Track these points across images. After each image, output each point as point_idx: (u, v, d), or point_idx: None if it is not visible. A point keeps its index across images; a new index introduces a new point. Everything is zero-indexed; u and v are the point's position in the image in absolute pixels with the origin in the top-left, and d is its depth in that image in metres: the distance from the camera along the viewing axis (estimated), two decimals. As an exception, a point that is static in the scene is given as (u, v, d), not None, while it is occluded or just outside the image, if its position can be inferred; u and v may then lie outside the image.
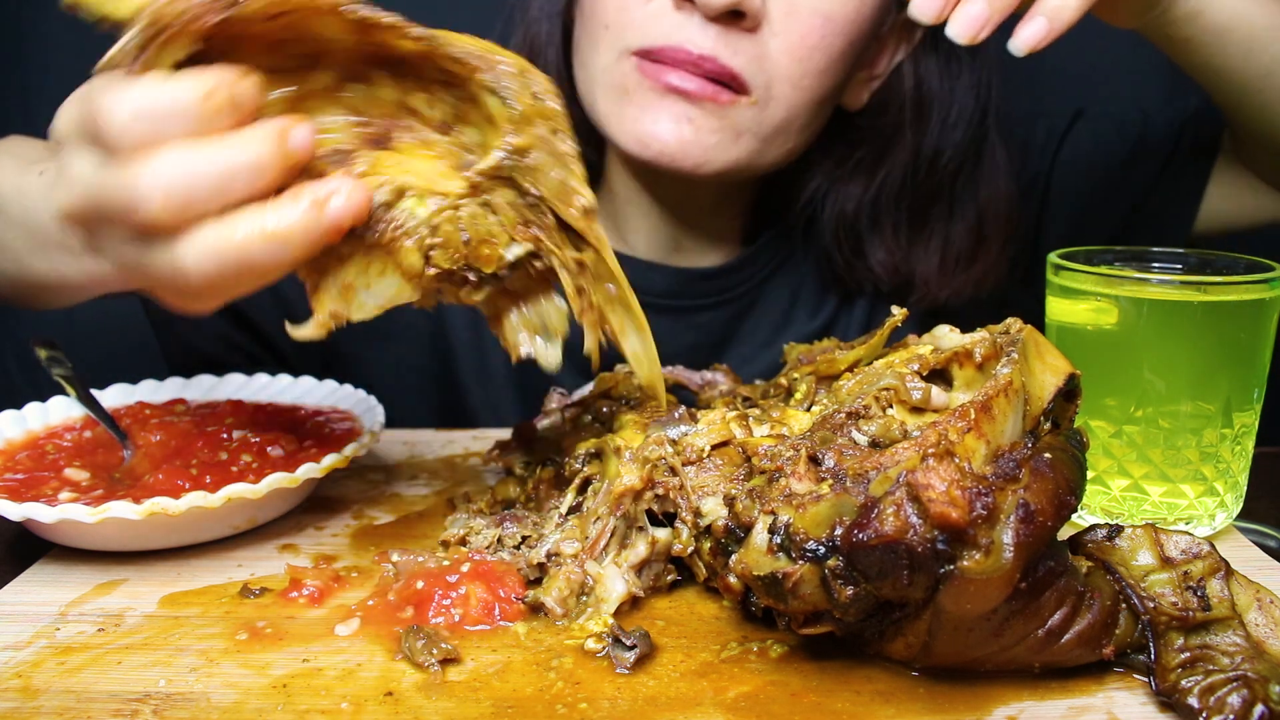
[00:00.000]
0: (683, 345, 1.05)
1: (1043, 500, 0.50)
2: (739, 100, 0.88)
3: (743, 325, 1.07)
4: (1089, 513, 0.73)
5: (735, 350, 1.07)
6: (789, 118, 0.91)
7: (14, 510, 0.64)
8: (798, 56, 0.88)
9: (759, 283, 1.06)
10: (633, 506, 0.62)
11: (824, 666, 0.55)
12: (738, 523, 0.56)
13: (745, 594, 0.57)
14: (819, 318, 1.07)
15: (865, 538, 0.49)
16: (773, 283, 1.07)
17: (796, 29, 0.87)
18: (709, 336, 1.06)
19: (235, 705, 0.52)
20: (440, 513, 0.76)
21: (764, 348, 1.06)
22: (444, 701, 0.52)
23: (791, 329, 1.07)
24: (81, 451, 0.75)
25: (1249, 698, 0.50)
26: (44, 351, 0.87)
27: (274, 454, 0.72)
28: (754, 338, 1.07)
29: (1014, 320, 0.62)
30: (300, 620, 0.60)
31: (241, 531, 0.71)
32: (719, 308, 1.06)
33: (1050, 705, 0.52)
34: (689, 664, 0.56)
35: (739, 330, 1.07)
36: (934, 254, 1.01)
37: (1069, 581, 0.52)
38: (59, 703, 0.52)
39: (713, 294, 1.05)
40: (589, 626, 0.59)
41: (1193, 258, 0.74)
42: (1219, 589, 0.53)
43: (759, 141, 0.91)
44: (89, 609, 0.62)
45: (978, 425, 0.51)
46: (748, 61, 0.87)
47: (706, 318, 1.06)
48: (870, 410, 0.58)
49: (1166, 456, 0.69)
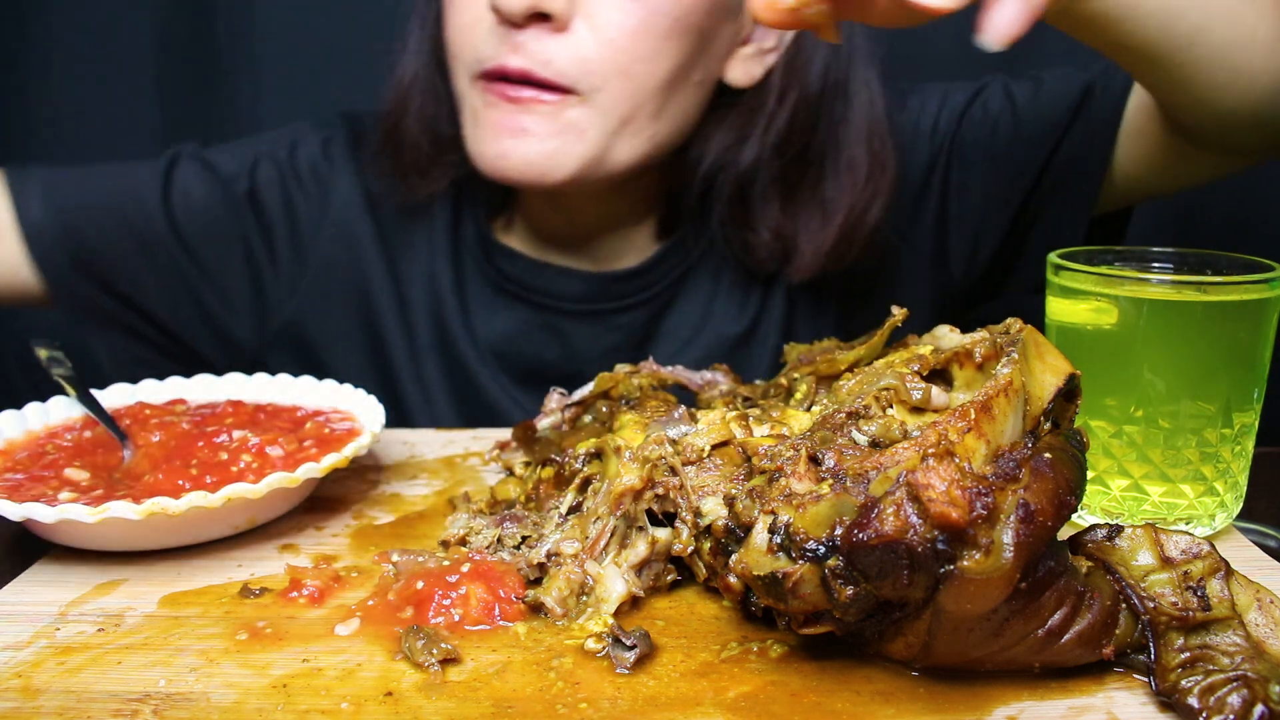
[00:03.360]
0: (604, 348, 1.05)
1: (1043, 500, 0.50)
2: (567, 99, 0.89)
3: (663, 323, 1.07)
4: (1089, 513, 0.73)
5: (659, 348, 1.06)
6: (632, 106, 0.90)
7: (14, 510, 0.64)
8: (618, 46, 0.87)
9: (677, 279, 1.06)
10: (633, 506, 0.62)
11: (824, 666, 0.55)
12: (738, 523, 0.56)
13: (745, 594, 0.57)
14: (746, 312, 1.06)
15: (865, 538, 0.49)
16: (692, 279, 1.07)
17: (609, 19, 0.87)
18: (631, 337, 1.06)
19: (235, 705, 0.52)
20: (440, 513, 0.76)
21: (686, 345, 1.06)
22: (444, 701, 0.52)
23: (714, 324, 1.06)
24: (81, 451, 0.75)
25: (1249, 698, 0.50)
26: (44, 351, 0.87)
27: (274, 454, 0.72)
28: (676, 335, 1.07)
29: (1014, 320, 0.62)
30: (300, 620, 0.60)
31: (241, 531, 0.71)
32: (638, 308, 1.06)
33: (1050, 705, 0.52)
34: (689, 664, 0.56)
35: (660, 329, 1.07)
36: (814, 216, 1.00)
37: (1069, 581, 0.52)
38: (59, 703, 0.52)
39: (630, 294, 1.05)
40: (589, 626, 0.59)
41: (1193, 258, 0.73)
42: (1219, 589, 0.53)
43: (606, 135, 0.91)
44: (89, 609, 0.62)
45: (978, 425, 0.51)
46: (565, 66, 0.87)
47: (626, 319, 1.06)
48: (870, 410, 0.58)
49: (1166, 456, 0.69)
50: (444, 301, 1.07)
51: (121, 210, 1.04)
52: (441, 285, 1.07)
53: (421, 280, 1.08)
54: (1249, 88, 0.79)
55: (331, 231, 1.08)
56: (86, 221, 1.03)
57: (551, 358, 1.06)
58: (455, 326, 1.07)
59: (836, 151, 0.99)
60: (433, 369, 1.07)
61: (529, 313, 1.06)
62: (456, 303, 1.07)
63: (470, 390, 1.07)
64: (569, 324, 1.06)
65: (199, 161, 1.07)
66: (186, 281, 1.06)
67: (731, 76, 0.98)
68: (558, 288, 1.05)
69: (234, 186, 1.07)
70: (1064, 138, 0.99)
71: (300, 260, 1.08)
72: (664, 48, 0.89)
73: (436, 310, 1.07)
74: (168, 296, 1.06)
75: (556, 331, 1.06)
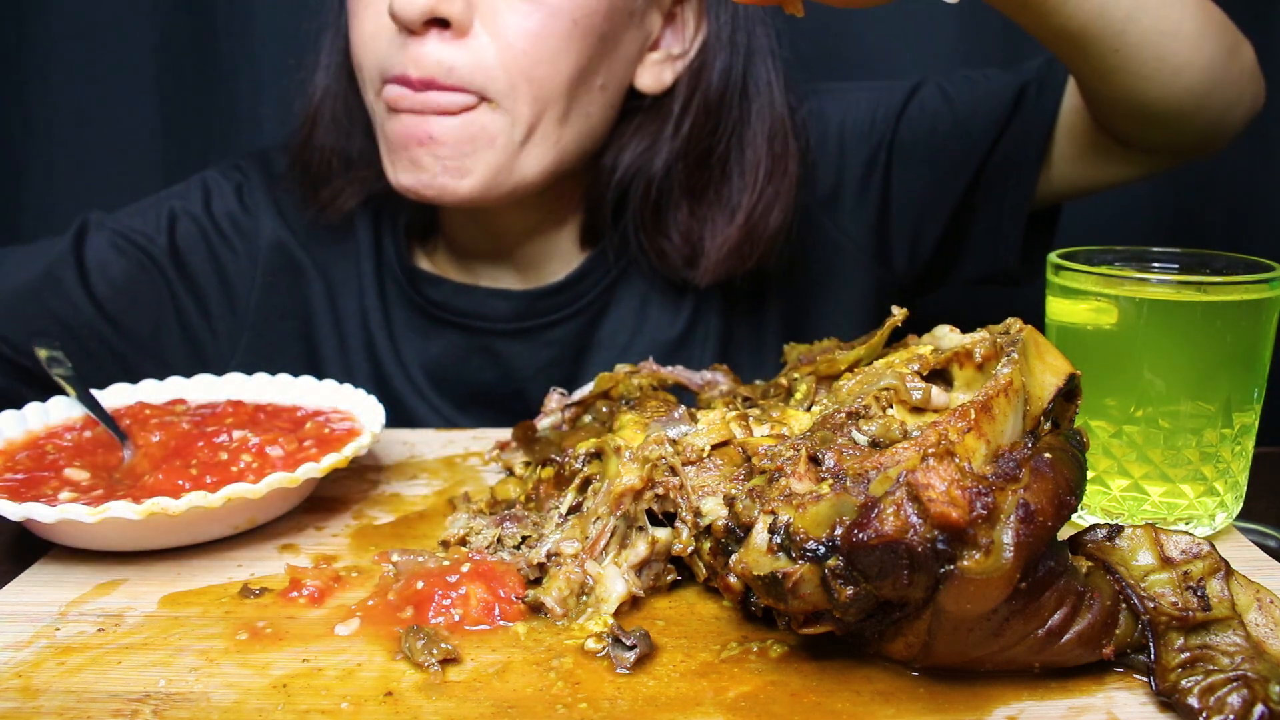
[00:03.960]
0: (539, 364, 1.05)
1: (1043, 500, 0.50)
2: (480, 106, 0.88)
3: (598, 334, 1.06)
4: (1089, 513, 0.73)
5: (595, 360, 1.05)
6: (538, 111, 0.90)
7: (14, 510, 0.64)
8: (519, 49, 0.87)
9: (606, 289, 1.05)
10: (633, 506, 0.62)
11: (824, 666, 0.55)
12: (738, 523, 0.56)
13: (745, 594, 0.57)
14: (680, 315, 1.06)
15: (865, 537, 0.49)
16: (622, 286, 1.06)
17: (508, 23, 0.87)
18: (565, 351, 1.05)
19: (235, 705, 0.52)
20: (440, 513, 0.76)
21: (624, 352, 1.05)
22: (444, 701, 0.52)
23: (649, 330, 1.06)
24: (81, 451, 0.75)
25: (1249, 698, 0.50)
26: (44, 351, 0.87)
27: (274, 454, 0.72)
28: (613, 343, 1.06)
29: (1014, 320, 0.62)
30: (300, 620, 0.60)
31: (241, 531, 0.71)
32: (568, 321, 1.05)
33: (1050, 705, 0.52)
34: (689, 664, 0.56)
35: (595, 339, 1.06)
36: (720, 217, 0.99)
37: (1069, 581, 0.52)
38: (59, 703, 0.52)
39: (559, 309, 1.04)
40: (589, 626, 0.59)
41: (1193, 258, 0.74)
42: (1219, 589, 0.53)
43: (514, 143, 0.90)
44: (89, 609, 0.62)
45: (978, 425, 0.51)
46: (469, 73, 0.87)
47: (558, 333, 1.05)
48: (870, 410, 0.58)
49: (1166, 456, 0.69)
50: (375, 334, 1.06)
51: (38, 298, 0.99)
52: (371, 318, 1.06)
53: (354, 316, 1.07)
54: (1174, 79, 0.83)
55: (266, 280, 1.06)
56: (3, 317, 0.98)
57: (489, 379, 1.05)
58: (387, 359, 1.06)
59: (740, 153, 0.99)
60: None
61: (460, 337, 1.05)
62: (385, 335, 1.06)
63: (409, 423, 1.05)
64: (502, 344, 1.05)
65: (109, 231, 1.03)
66: (117, 354, 1.02)
67: (642, 83, 0.98)
68: (487, 309, 1.04)
69: (152, 249, 1.03)
70: (1001, 136, 1.01)
71: (236, 314, 1.06)
72: (565, 49, 0.88)
73: (369, 344, 1.06)
74: (98, 373, 1.01)
75: (490, 353, 1.05)
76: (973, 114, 1.02)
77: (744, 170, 0.99)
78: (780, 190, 0.98)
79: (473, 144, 0.89)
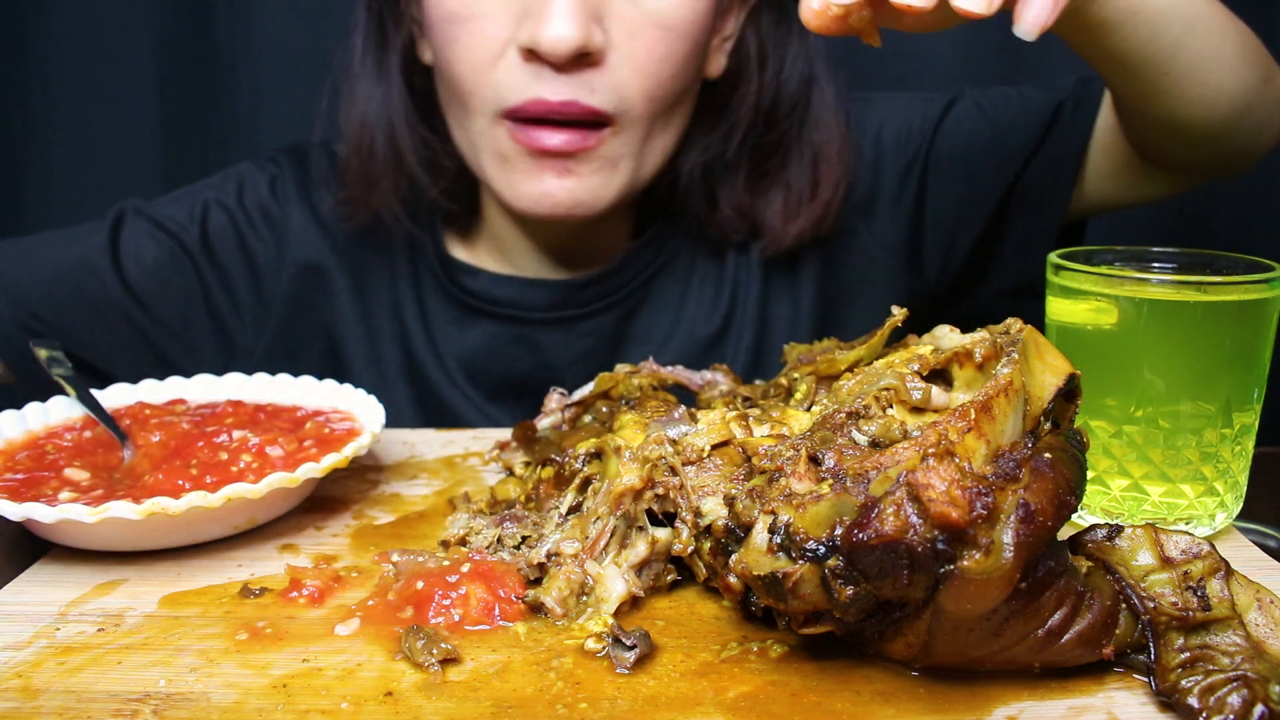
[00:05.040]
0: (576, 354, 1.06)
1: (1043, 500, 0.50)
2: (604, 134, 0.91)
3: (633, 327, 1.08)
4: (1089, 513, 0.73)
5: (631, 353, 1.07)
6: (653, 125, 0.93)
7: (14, 510, 0.64)
8: (648, 73, 0.90)
9: (644, 282, 1.07)
10: (633, 506, 0.62)
11: (824, 666, 0.55)
12: (738, 523, 0.56)
13: (745, 594, 0.57)
14: (717, 312, 1.07)
15: (865, 537, 0.49)
16: (660, 281, 1.08)
17: (641, 48, 0.89)
18: (602, 342, 1.07)
19: (235, 705, 0.52)
20: (440, 513, 0.76)
21: (660, 348, 1.07)
22: (444, 701, 0.52)
23: (686, 327, 1.07)
24: (81, 451, 0.75)
25: (1249, 698, 0.50)
26: (44, 351, 0.87)
27: (274, 454, 0.72)
28: (649, 338, 1.07)
29: (1014, 320, 0.62)
30: (300, 620, 0.60)
31: (241, 531, 0.71)
32: (606, 312, 1.06)
33: (1050, 705, 0.52)
34: (689, 664, 0.56)
35: (631, 332, 1.08)
36: (777, 198, 1.03)
37: (1069, 581, 0.52)
38: (59, 703, 0.52)
39: (598, 299, 1.06)
40: (589, 626, 0.59)
41: (1193, 258, 0.74)
42: (1219, 589, 0.53)
43: (635, 160, 0.94)
44: (89, 609, 0.62)
45: (978, 425, 0.51)
46: (605, 95, 0.89)
47: (596, 324, 1.06)
48: (870, 410, 0.58)
49: (1166, 456, 0.69)
50: (408, 325, 1.07)
51: (72, 279, 1.02)
52: (405, 309, 1.07)
53: (385, 308, 1.08)
54: (1214, 101, 0.85)
55: (292, 270, 1.07)
56: (37, 298, 1.01)
57: (525, 369, 1.06)
58: (421, 350, 1.07)
59: (799, 137, 1.02)
60: (401, 395, 1.08)
61: (497, 327, 1.06)
62: (420, 325, 1.07)
63: (442, 413, 1.06)
64: (539, 333, 1.06)
65: (145, 218, 1.05)
66: (148, 339, 1.05)
67: (706, 71, 1.00)
68: (525, 298, 1.06)
69: (185, 238, 1.05)
70: (1036, 153, 1.03)
71: (264, 304, 1.08)
72: (683, 67, 0.92)
73: (402, 336, 1.07)
74: (126, 356, 1.05)
75: (527, 343, 1.06)
76: (1009, 129, 1.04)
77: (803, 153, 1.02)
78: (838, 171, 1.02)
79: (604, 172, 0.92)
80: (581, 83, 0.88)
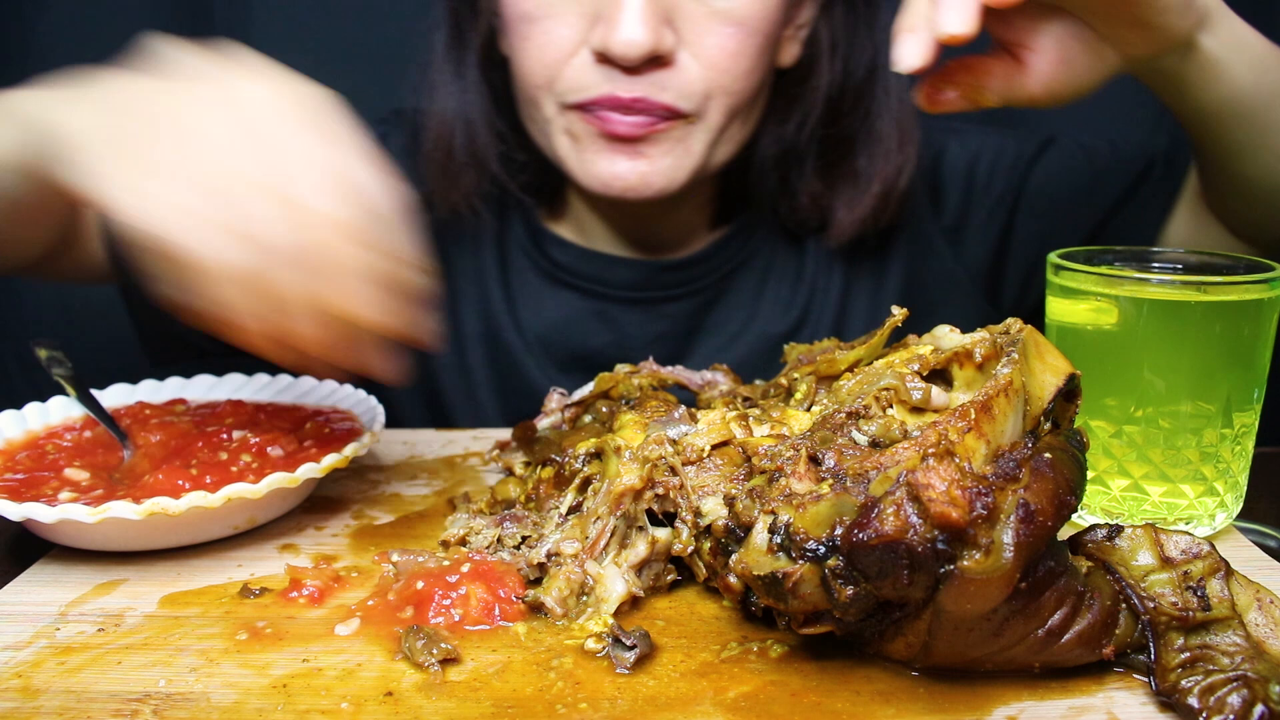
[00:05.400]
0: (651, 335, 1.07)
1: (1043, 500, 0.50)
2: (676, 123, 0.91)
3: (710, 317, 1.09)
4: (1089, 513, 0.73)
5: (704, 342, 1.09)
6: (730, 116, 0.94)
7: (14, 510, 0.64)
8: (721, 69, 0.91)
9: (727, 273, 1.08)
10: (633, 506, 0.62)
11: (824, 666, 0.55)
12: (738, 522, 0.56)
13: (745, 594, 0.57)
14: (791, 312, 1.09)
15: (865, 538, 0.49)
16: (741, 275, 1.09)
17: (713, 46, 0.90)
18: (678, 326, 1.08)
19: (235, 705, 0.52)
20: (440, 513, 0.76)
21: (733, 340, 1.08)
22: (444, 701, 0.52)
23: (759, 323, 1.09)
24: (81, 451, 0.75)
25: (1249, 698, 0.50)
26: (44, 351, 0.87)
27: (274, 454, 0.72)
28: (724, 330, 1.09)
29: (1014, 320, 0.62)
30: (300, 620, 0.60)
31: (241, 531, 0.71)
32: (687, 298, 1.08)
33: (1050, 705, 0.52)
34: (689, 664, 0.56)
35: (706, 322, 1.09)
36: (845, 187, 1.04)
37: (1069, 581, 0.52)
38: (59, 703, 0.52)
39: (682, 284, 1.07)
40: (589, 626, 0.59)
41: (1193, 258, 0.74)
42: (1219, 589, 0.53)
43: (709, 146, 0.95)
44: (89, 609, 0.62)
45: (978, 425, 0.51)
46: (677, 93, 0.90)
47: (675, 308, 1.08)
48: (870, 410, 0.58)
49: (1166, 456, 0.69)
50: (490, 292, 1.08)
51: None
52: (488, 276, 1.09)
53: (469, 271, 1.09)
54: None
55: None
56: None
57: (599, 344, 1.08)
58: (501, 316, 1.08)
59: (867, 128, 1.03)
60: (477, 359, 1.09)
61: (579, 300, 1.08)
62: (503, 293, 1.08)
63: (515, 380, 1.08)
64: (619, 310, 1.07)
65: None
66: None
67: (780, 60, 1.01)
68: (610, 275, 1.07)
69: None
70: (1122, 206, 1.05)
71: None
72: (757, 61, 0.93)
73: (483, 300, 1.09)
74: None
75: (606, 318, 1.08)
76: (1099, 179, 1.06)
77: (872, 143, 1.03)
78: (907, 159, 1.03)
79: (674, 154, 0.93)
80: (652, 82, 0.89)
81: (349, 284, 0.58)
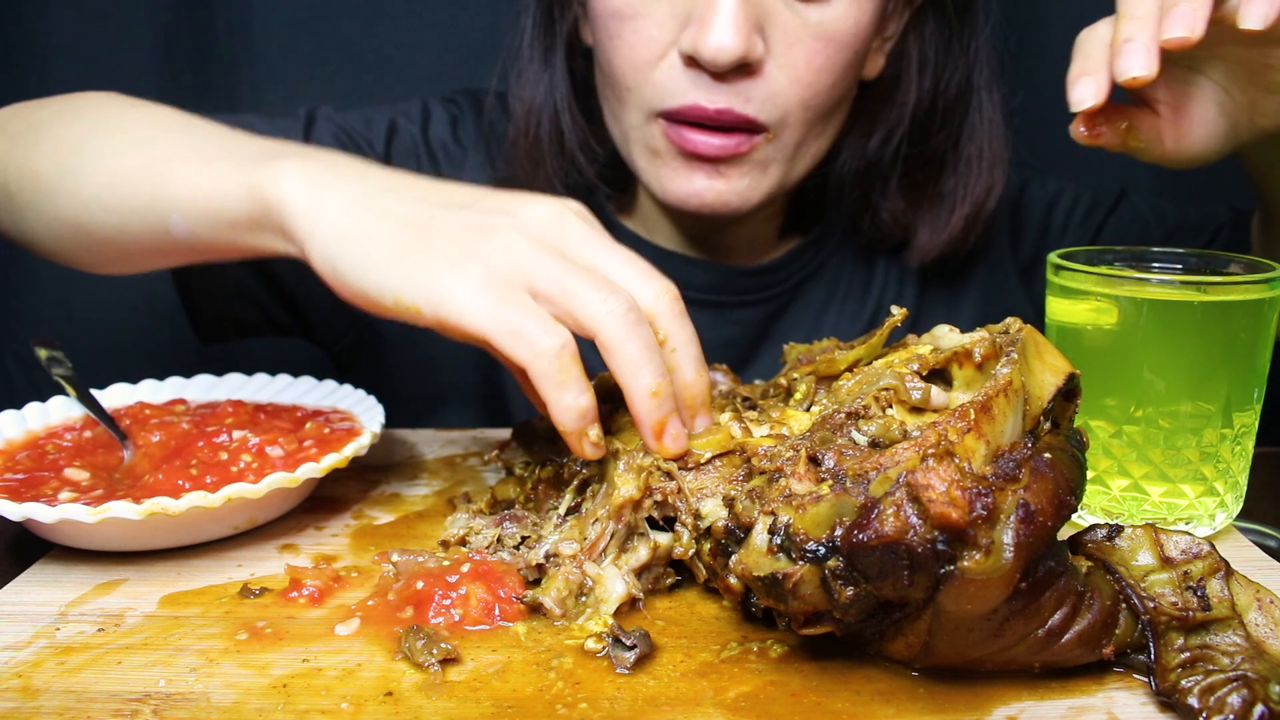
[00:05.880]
0: (720, 340, 1.07)
1: (1043, 500, 0.50)
2: (757, 140, 0.91)
3: (777, 325, 1.10)
4: (1089, 513, 0.73)
5: (771, 350, 1.09)
6: (807, 132, 0.94)
7: (14, 510, 0.64)
8: (805, 82, 0.90)
9: (797, 284, 1.09)
10: (633, 516, 0.62)
11: (824, 666, 0.55)
12: (737, 523, 0.56)
13: (745, 594, 0.57)
14: (856, 327, 1.10)
15: (865, 538, 0.49)
16: (810, 287, 1.09)
17: (800, 58, 0.89)
18: (747, 333, 1.08)
19: (235, 705, 0.52)
20: (440, 513, 0.76)
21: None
22: (444, 701, 0.52)
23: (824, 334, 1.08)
24: (81, 451, 0.75)
25: (1249, 698, 0.50)
26: (44, 351, 0.87)
27: (274, 454, 0.72)
28: (790, 338, 1.08)
29: (1014, 320, 0.62)
30: (300, 620, 0.60)
31: (241, 531, 0.71)
32: (758, 305, 1.08)
33: (1050, 705, 0.52)
34: (689, 664, 0.56)
35: (773, 331, 1.09)
36: (930, 208, 1.05)
37: (1069, 581, 0.52)
38: (59, 703, 0.52)
39: (755, 290, 1.08)
40: (589, 627, 0.59)
41: (1193, 258, 0.74)
42: (1219, 589, 0.53)
43: (786, 164, 0.94)
44: (89, 609, 0.62)
45: (978, 425, 0.51)
46: (760, 104, 0.89)
47: (746, 314, 1.08)
48: (870, 410, 0.58)
49: (1166, 456, 0.69)
50: None
51: None
52: None
53: None
54: None
55: None
56: None
57: None
58: None
59: (957, 148, 1.03)
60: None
61: None
62: None
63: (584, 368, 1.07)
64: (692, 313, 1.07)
65: (334, 124, 1.06)
66: None
67: (866, 71, 1.01)
68: (684, 276, 1.06)
69: (369, 152, 1.05)
70: None
71: None
72: (841, 77, 0.92)
73: None
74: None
75: None
76: (1169, 238, 1.08)
77: (960, 164, 1.03)
78: (995, 182, 1.03)
79: (753, 175, 0.93)
80: (738, 92, 0.88)
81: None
